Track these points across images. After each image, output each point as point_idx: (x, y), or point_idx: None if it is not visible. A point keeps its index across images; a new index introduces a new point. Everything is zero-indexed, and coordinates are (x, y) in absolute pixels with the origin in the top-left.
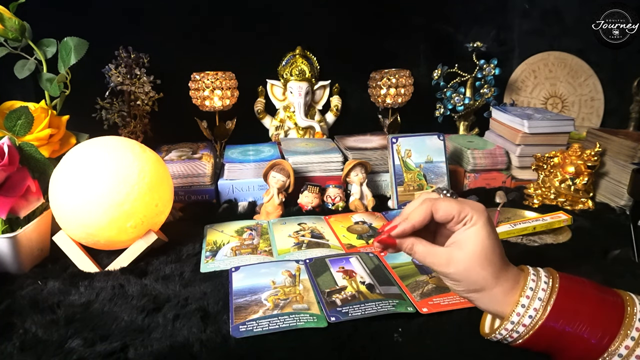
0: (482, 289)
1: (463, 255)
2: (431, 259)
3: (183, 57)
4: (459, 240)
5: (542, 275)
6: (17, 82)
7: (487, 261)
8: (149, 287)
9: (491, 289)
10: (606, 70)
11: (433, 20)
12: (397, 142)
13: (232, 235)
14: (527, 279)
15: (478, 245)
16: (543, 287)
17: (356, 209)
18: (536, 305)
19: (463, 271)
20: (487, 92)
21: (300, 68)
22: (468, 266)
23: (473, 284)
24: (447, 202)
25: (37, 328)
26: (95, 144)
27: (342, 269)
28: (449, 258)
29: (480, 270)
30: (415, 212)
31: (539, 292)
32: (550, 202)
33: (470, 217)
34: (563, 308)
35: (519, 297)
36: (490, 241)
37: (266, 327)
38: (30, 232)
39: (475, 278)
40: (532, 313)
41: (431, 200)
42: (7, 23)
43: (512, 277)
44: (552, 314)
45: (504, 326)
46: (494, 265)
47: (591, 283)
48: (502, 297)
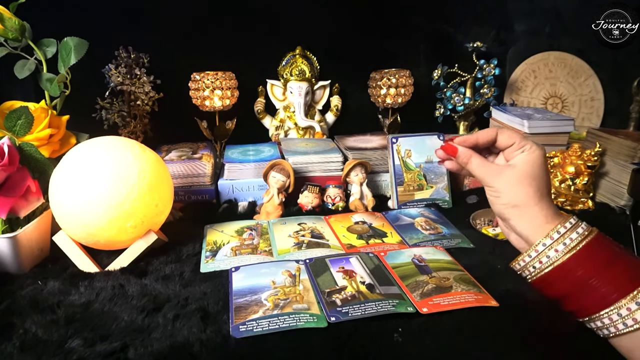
0: (523, 205)
1: (513, 172)
2: (483, 169)
3: (183, 57)
4: (514, 162)
5: (580, 227)
6: (17, 82)
7: (535, 182)
8: (149, 287)
9: (531, 206)
10: (606, 70)
11: (433, 20)
12: (397, 142)
13: (232, 235)
14: (562, 223)
15: (530, 167)
16: (573, 236)
17: (356, 209)
18: (560, 246)
19: (508, 185)
20: (487, 92)
21: (300, 68)
22: (514, 181)
23: (514, 198)
24: (512, 131)
25: (37, 328)
26: (95, 144)
27: (342, 269)
28: (500, 171)
29: (525, 186)
30: (482, 131)
31: (566, 239)
32: None
33: (530, 147)
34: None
35: (550, 232)
36: (542, 169)
37: (266, 327)
38: (30, 232)
39: (517, 192)
40: (551, 253)
41: (496, 128)
42: (7, 23)
43: (553, 210)
44: (572, 259)
45: (522, 257)
46: (540, 189)
47: (626, 251)
48: (537, 222)
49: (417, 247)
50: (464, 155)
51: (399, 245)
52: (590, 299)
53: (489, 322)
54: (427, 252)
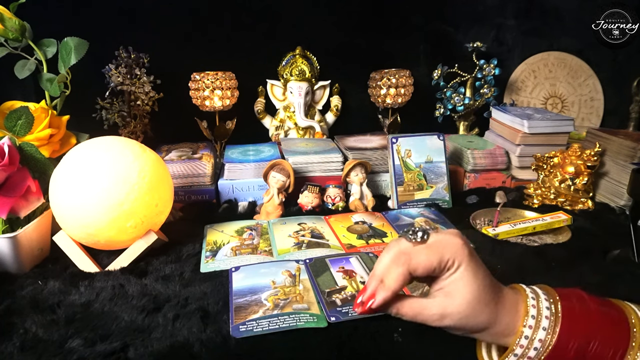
0: (484, 329)
1: (456, 306)
2: (422, 317)
3: (183, 57)
4: (447, 289)
5: (542, 297)
6: (17, 82)
7: (482, 304)
8: (149, 287)
9: (493, 326)
10: (606, 70)
11: (433, 20)
12: (397, 142)
13: (232, 235)
14: (527, 305)
15: (468, 290)
16: (546, 313)
17: (356, 209)
18: (541, 335)
19: (459, 321)
20: (487, 92)
21: (300, 68)
22: (464, 315)
23: (473, 328)
24: (424, 256)
25: (37, 328)
26: (95, 144)
27: (342, 269)
28: (442, 312)
29: (478, 315)
30: (391, 277)
31: (542, 321)
32: (550, 202)
33: (452, 262)
34: (571, 332)
35: (521, 327)
36: (479, 281)
37: (266, 327)
38: (31, 232)
39: (476, 322)
40: (537, 345)
41: (405, 256)
42: (7, 23)
43: (510, 305)
44: (561, 340)
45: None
46: (490, 304)
47: (589, 297)
48: (504, 329)
49: None
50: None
51: None
52: None
53: None
54: None
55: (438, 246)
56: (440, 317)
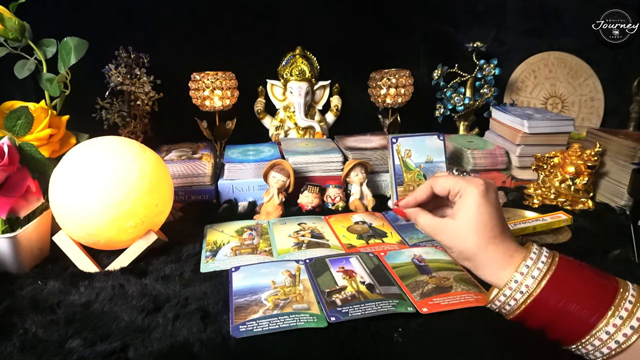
0: (474, 255)
1: (453, 223)
2: (430, 228)
3: (183, 57)
4: (454, 211)
5: (543, 254)
6: (17, 82)
7: (480, 226)
8: (149, 287)
9: (484, 253)
10: (606, 70)
11: (433, 20)
12: (397, 142)
13: (232, 235)
14: (527, 255)
15: (468, 213)
16: (539, 266)
17: (356, 209)
18: (528, 282)
19: (453, 239)
20: (487, 92)
21: (300, 68)
22: (456, 233)
23: (463, 251)
24: (446, 178)
25: (37, 328)
26: (95, 144)
27: (342, 269)
28: (442, 226)
29: (468, 236)
30: (419, 187)
31: (533, 270)
32: (550, 202)
33: (463, 189)
34: (555, 288)
35: (514, 272)
36: (482, 209)
37: (266, 327)
38: (30, 232)
39: (463, 244)
40: (523, 289)
41: (434, 177)
42: (7, 23)
43: (507, 249)
44: (544, 292)
45: (497, 297)
46: (487, 230)
47: (590, 267)
48: (496, 265)
49: (417, 247)
50: (411, 215)
51: (399, 245)
52: (571, 326)
53: (489, 322)
54: (427, 252)
55: (461, 178)
56: (440, 230)
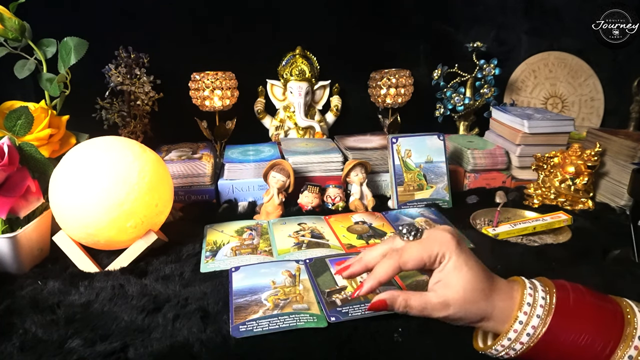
0: (483, 317)
1: (455, 293)
2: (428, 309)
3: (183, 57)
4: (444, 280)
5: (539, 288)
6: (17, 82)
7: (478, 290)
8: (149, 287)
9: (491, 313)
10: (606, 70)
11: (433, 20)
12: (397, 142)
13: (232, 235)
14: (524, 292)
15: (463, 278)
16: (541, 302)
17: (356, 209)
18: (534, 322)
19: (460, 309)
20: (487, 92)
21: (300, 68)
22: (463, 302)
23: (473, 317)
24: (414, 250)
25: (37, 328)
26: (95, 144)
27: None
28: (444, 300)
29: (475, 301)
30: (381, 267)
31: (537, 309)
32: (550, 202)
33: (442, 255)
34: (563, 322)
35: (517, 312)
36: (472, 269)
37: (266, 327)
38: (30, 232)
39: (473, 310)
40: (530, 331)
41: (396, 252)
42: (7, 23)
43: (505, 293)
44: (552, 328)
45: (499, 343)
46: (485, 290)
47: (588, 291)
48: (500, 314)
49: None
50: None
51: None
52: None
53: None
54: None
55: (428, 241)
56: (443, 306)
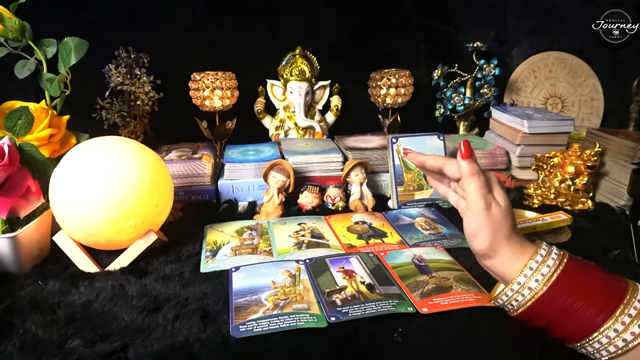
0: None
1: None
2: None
3: (183, 57)
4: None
5: (553, 252)
6: (17, 82)
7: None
8: (149, 287)
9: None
10: (606, 70)
11: (433, 20)
12: (397, 142)
13: (232, 235)
14: (536, 252)
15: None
16: (549, 263)
17: (356, 209)
18: (538, 277)
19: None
20: (487, 92)
21: (300, 68)
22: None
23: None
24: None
25: (37, 328)
26: (95, 144)
27: (342, 269)
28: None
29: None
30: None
31: (543, 267)
32: (550, 202)
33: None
34: (563, 287)
35: (523, 267)
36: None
37: (266, 327)
38: (30, 232)
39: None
40: (532, 285)
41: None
42: (7, 23)
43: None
44: (551, 290)
45: (504, 292)
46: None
47: (600, 268)
48: (509, 259)
49: (417, 247)
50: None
51: (399, 245)
52: (577, 325)
53: (489, 322)
54: (427, 252)
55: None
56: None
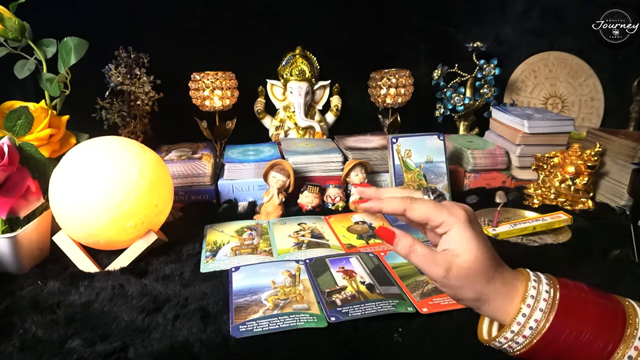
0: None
1: (461, 262)
2: (430, 263)
3: (183, 57)
4: (452, 247)
5: (543, 282)
6: (17, 82)
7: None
8: (149, 287)
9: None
10: (606, 70)
11: (433, 20)
12: (397, 142)
13: (232, 235)
14: (527, 285)
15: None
16: (545, 296)
17: (356, 209)
18: (537, 316)
19: (459, 280)
20: (487, 92)
21: (300, 68)
22: (465, 274)
23: (471, 293)
24: (425, 205)
25: (37, 328)
26: (95, 144)
27: (342, 269)
28: (448, 263)
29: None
30: (391, 201)
31: (540, 302)
32: (550, 202)
33: (448, 223)
34: (565, 319)
35: (520, 305)
36: (480, 244)
37: (266, 327)
38: (30, 232)
39: (473, 286)
40: (532, 324)
41: (411, 199)
42: (7, 23)
43: (510, 281)
44: (555, 324)
45: (503, 335)
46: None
47: (590, 289)
48: (501, 302)
49: None
50: (402, 242)
51: None
52: (586, 356)
53: None
54: None
55: (442, 206)
56: (444, 268)
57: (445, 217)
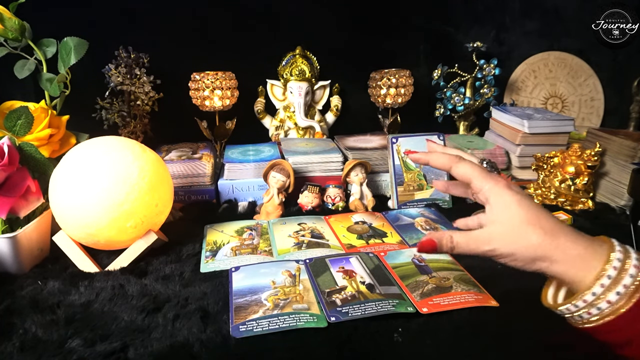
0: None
1: (499, 226)
2: (473, 244)
3: (183, 57)
4: (489, 216)
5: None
6: (17, 82)
7: (532, 222)
8: (149, 287)
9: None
10: (606, 70)
11: (433, 20)
12: (397, 142)
13: (232, 235)
14: (612, 248)
15: (509, 213)
16: (635, 263)
17: (356, 209)
18: (619, 289)
19: (508, 242)
20: (487, 92)
21: (300, 68)
22: (512, 234)
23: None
24: (470, 167)
25: (37, 328)
26: (95, 144)
27: (342, 269)
28: (488, 234)
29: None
30: (439, 156)
31: (625, 277)
32: (550, 202)
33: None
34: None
35: (604, 265)
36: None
37: (266, 327)
38: (30, 232)
39: (527, 242)
40: (612, 297)
41: (459, 158)
42: (7, 23)
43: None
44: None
45: (582, 297)
46: (545, 224)
47: None
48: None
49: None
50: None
51: (399, 245)
52: None
53: (489, 322)
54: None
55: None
56: (486, 240)
57: (486, 181)
